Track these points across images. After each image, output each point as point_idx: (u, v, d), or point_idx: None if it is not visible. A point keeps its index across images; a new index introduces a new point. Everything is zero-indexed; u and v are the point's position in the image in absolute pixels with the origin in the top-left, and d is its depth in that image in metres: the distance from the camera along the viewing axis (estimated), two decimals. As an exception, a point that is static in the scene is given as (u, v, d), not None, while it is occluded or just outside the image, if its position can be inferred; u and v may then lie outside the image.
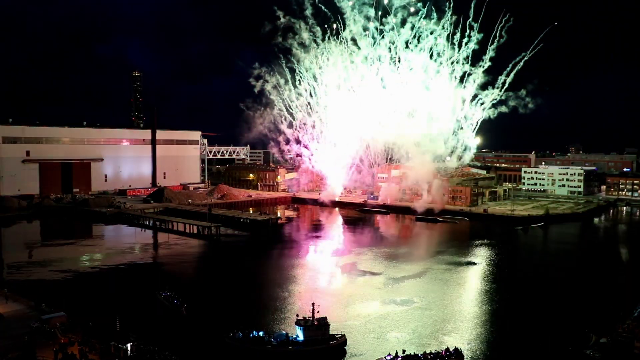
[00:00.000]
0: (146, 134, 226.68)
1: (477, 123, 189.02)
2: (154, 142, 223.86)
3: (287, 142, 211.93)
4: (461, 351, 56.38)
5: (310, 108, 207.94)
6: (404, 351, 55.66)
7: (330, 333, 59.99)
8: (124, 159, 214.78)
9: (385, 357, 54.75)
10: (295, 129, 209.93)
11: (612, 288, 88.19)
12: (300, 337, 58.53)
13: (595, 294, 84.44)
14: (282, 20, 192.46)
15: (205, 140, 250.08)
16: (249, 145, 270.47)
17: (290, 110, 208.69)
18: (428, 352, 55.98)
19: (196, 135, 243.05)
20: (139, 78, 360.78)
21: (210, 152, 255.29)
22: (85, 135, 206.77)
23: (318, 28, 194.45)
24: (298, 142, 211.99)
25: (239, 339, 58.54)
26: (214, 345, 59.63)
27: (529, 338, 63.67)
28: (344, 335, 60.65)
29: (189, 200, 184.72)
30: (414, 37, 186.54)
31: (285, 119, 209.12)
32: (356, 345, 60.38)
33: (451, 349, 56.04)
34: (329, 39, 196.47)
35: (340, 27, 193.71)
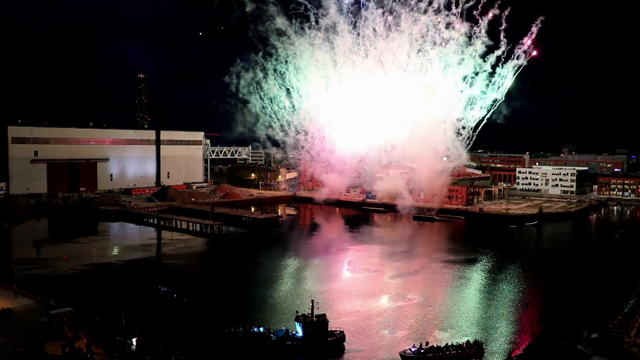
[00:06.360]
0: (150, 134, 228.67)
1: (459, 123, 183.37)
2: (158, 142, 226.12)
3: (273, 143, 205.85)
4: (482, 343, 57.87)
5: (293, 107, 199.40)
6: (427, 343, 57.09)
7: (329, 329, 61.04)
8: (129, 158, 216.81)
9: (409, 349, 56.35)
10: (281, 131, 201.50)
11: (603, 284, 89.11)
12: (300, 334, 59.64)
13: (587, 290, 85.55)
14: (249, 8, 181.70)
15: (208, 141, 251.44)
16: (250, 146, 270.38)
17: (270, 110, 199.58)
18: (450, 344, 57.46)
19: (199, 135, 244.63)
20: (143, 80, 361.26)
21: (213, 152, 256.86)
22: (91, 136, 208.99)
23: (285, 18, 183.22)
24: (275, 144, 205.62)
25: (239, 334, 59.87)
26: (215, 340, 60.91)
27: (523, 334, 65.08)
28: (342, 332, 61.65)
29: (192, 199, 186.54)
30: (388, 27, 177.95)
31: (269, 123, 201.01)
32: (354, 342, 61.50)
33: (471, 341, 57.73)
34: (300, 30, 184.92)
35: (312, 14, 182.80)
